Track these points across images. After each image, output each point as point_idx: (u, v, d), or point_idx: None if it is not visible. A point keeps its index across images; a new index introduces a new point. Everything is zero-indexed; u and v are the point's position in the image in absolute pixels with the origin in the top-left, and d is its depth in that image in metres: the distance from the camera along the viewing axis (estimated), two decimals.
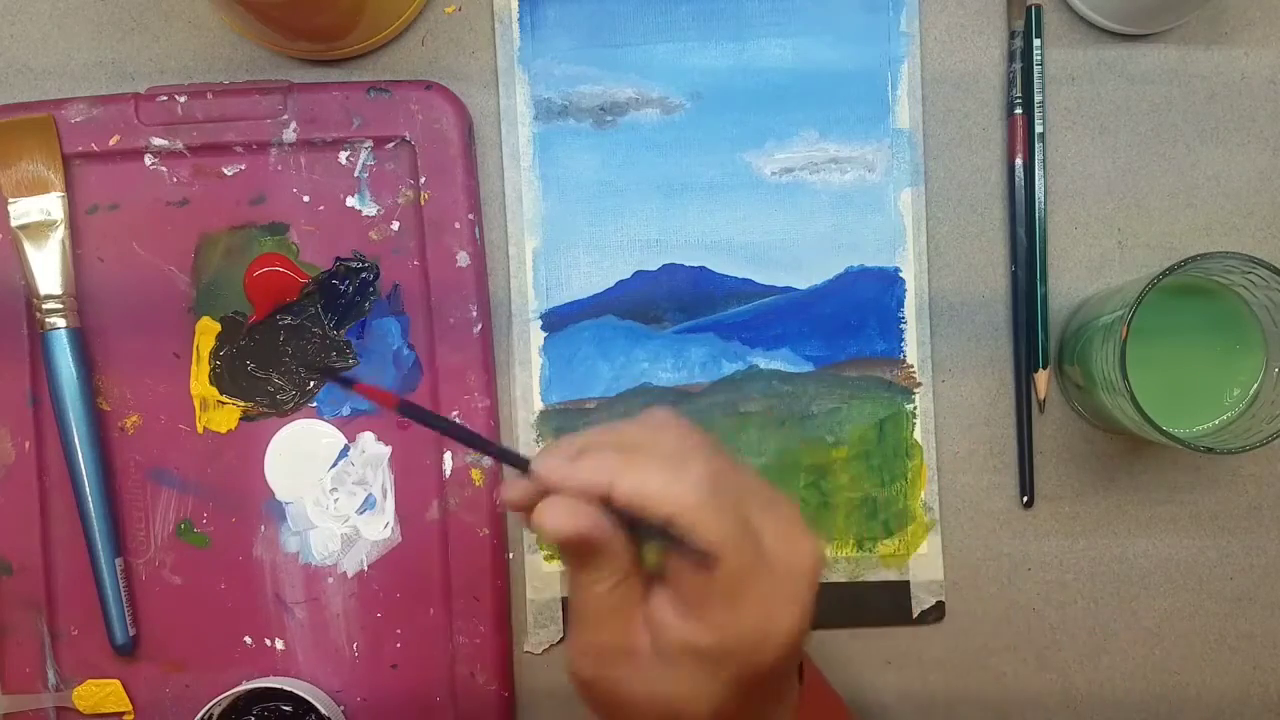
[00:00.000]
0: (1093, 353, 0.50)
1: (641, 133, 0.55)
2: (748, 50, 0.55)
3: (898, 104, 0.55)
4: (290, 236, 0.54)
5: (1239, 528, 0.56)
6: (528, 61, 0.55)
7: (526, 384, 0.55)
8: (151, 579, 0.55)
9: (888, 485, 0.55)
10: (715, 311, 0.55)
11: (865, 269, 0.55)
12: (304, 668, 0.55)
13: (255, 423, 0.55)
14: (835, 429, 0.55)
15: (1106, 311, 0.50)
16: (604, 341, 0.55)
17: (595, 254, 0.55)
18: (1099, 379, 0.49)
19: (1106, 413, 0.50)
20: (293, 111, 0.54)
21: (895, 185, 0.55)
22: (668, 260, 0.55)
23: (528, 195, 0.55)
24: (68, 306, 0.53)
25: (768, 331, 0.55)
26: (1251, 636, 0.56)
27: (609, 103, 0.55)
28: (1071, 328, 0.54)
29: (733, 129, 0.55)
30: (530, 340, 0.55)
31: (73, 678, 0.54)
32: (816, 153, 0.55)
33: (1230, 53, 0.55)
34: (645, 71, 0.55)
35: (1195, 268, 0.46)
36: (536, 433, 0.55)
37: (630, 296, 0.55)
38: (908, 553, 0.55)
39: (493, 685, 0.54)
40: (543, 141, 0.55)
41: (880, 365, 0.55)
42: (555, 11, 0.55)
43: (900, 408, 0.55)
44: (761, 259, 0.55)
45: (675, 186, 0.55)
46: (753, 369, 0.55)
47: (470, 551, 0.54)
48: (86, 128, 0.54)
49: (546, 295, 0.55)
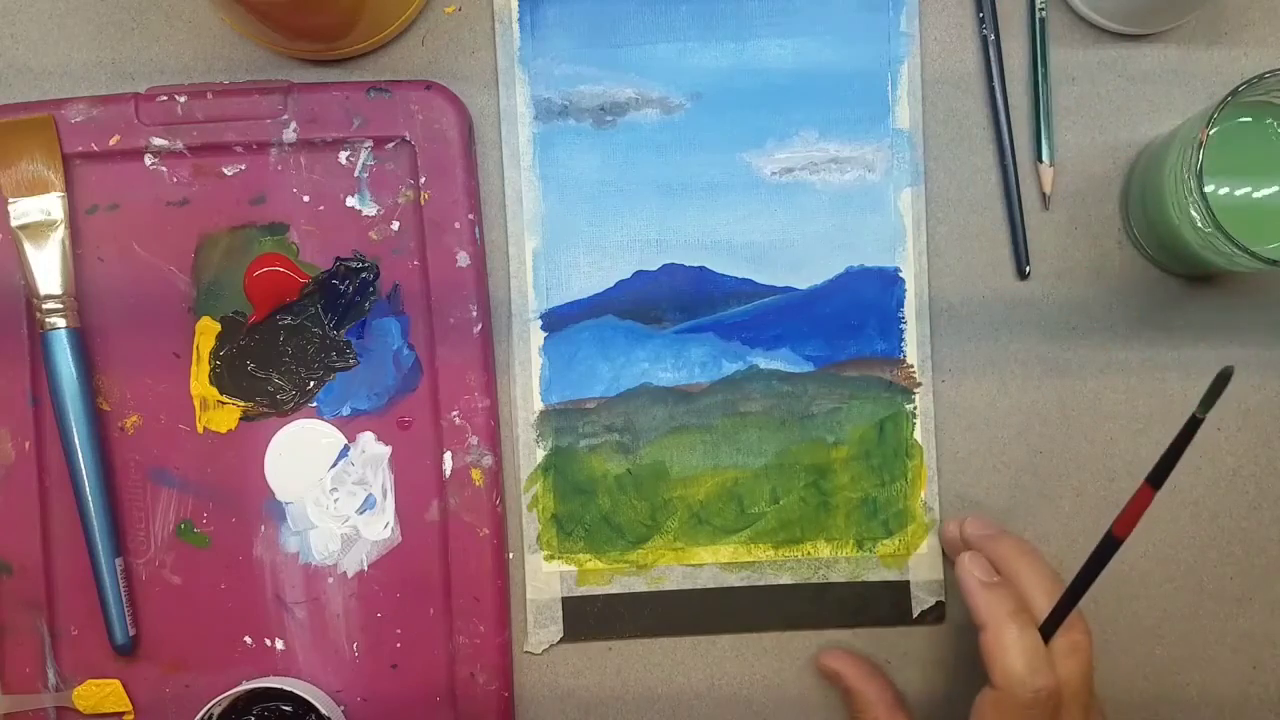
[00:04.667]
0: (1164, 174, 0.49)
1: (641, 133, 0.55)
2: (748, 50, 0.55)
3: (898, 104, 0.55)
4: (290, 236, 0.54)
5: (1239, 528, 0.56)
6: (528, 61, 0.55)
7: (526, 384, 0.55)
8: (151, 579, 0.55)
9: (888, 485, 0.55)
10: (715, 311, 0.55)
11: (865, 269, 0.55)
12: (304, 668, 0.55)
13: (255, 423, 0.55)
14: (835, 429, 0.55)
15: (1179, 135, 0.50)
16: (604, 341, 0.55)
17: (595, 254, 0.55)
18: (1170, 200, 0.49)
19: (1173, 238, 0.50)
20: (293, 111, 0.54)
21: (895, 185, 0.55)
22: (668, 260, 0.55)
23: (528, 195, 0.55)
24: (68, 306, 0.53)
25: (768, 331, 0.55)
26: (1251, 636, 0.56)
27: (609, 103, 0.55)
28: (1136, 169, 0.54)
29: (733, 129, 0.55)
30: (530, 340, 0.55)
31: (73, 678, 0.54)
32: (816, 153, 0.55)
33: (1230, 53, 0.55)
34: (645, 71, 0.55)
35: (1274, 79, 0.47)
36: (536, 432, 0.55)
37: (630, 296, 0.55)
38: (908, 553, 0.55)
39: (493, 685, 0.54)
40: (543, 141, 0.55)
41: (880, 365, 0.55)
42: (555, 11, 0.55)
43: (900, 408, 0.55)
44: (761, 259, 0.55)
45: (675, 186, 0.55)
46: (753, 369, 0.55)
47: (470, 551, 0.54)
48: (86, 128, 0.54)
49: (546, 295, 0.55)
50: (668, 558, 0.55)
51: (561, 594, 0.55)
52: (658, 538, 0.55)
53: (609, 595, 0.55)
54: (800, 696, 0.56)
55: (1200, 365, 0.56)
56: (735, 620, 0.55)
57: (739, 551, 0.55)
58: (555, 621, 0.55)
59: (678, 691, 0.56)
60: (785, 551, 0.55)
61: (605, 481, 0.55)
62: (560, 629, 0.55)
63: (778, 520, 0.55)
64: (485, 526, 0.54)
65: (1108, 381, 0.56)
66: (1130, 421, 0.56)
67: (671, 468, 0.55)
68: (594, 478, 0.55)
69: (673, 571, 0.55)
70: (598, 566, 0.55)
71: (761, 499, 0.55)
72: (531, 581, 0.56)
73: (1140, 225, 0.54)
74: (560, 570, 0.55)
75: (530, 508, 0.55)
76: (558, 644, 0.55)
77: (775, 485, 0.55)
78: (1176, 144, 0.49)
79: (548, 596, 0.55)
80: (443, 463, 0.54)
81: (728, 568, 0.55)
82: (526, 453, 0.55)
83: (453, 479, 0.54)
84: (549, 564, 0.55)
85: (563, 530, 0.55)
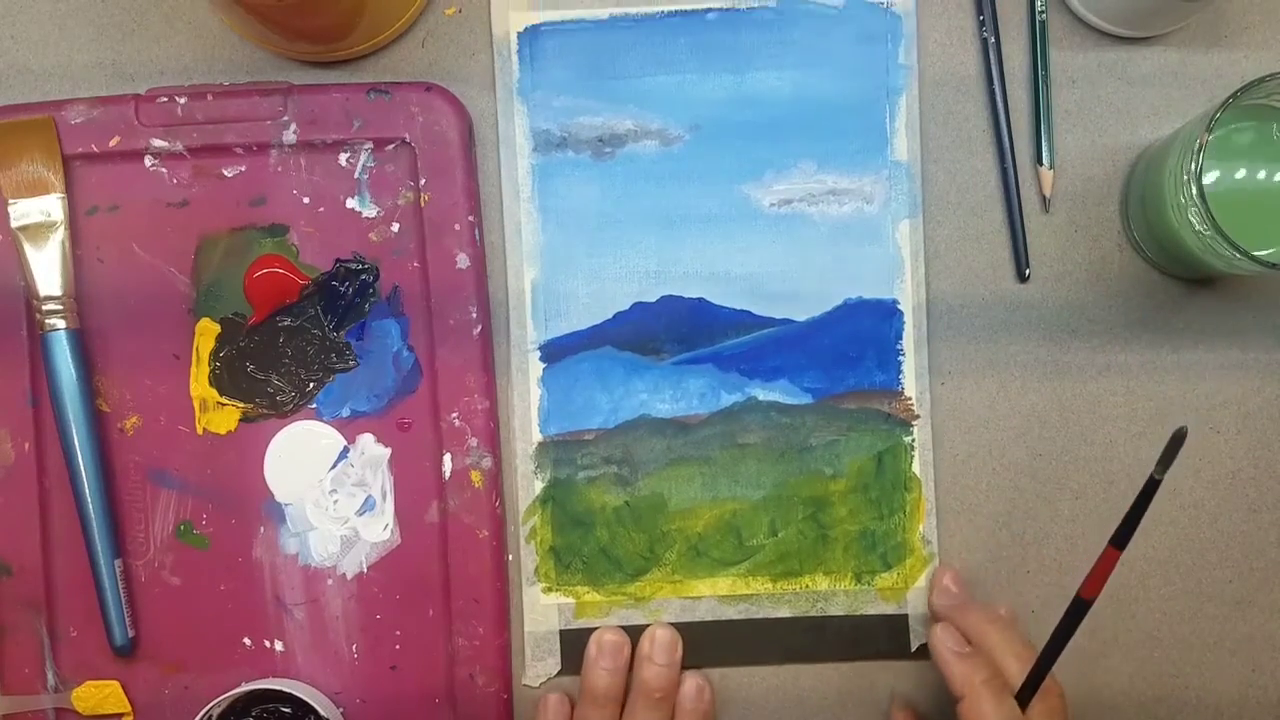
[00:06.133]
0: (1164, 176, 0.50)
1: (640, 164, 0.55)
2: (746, 82, 0.55)
3: (895, 136, 0.55)
4: (290, 238, 0.54)
5: (1238, 531, 0.56)
6: (527, 93, 0.55)
7: (525, 415, 0.55)
8: (151, 580, 0.55)
9: (886, 518, 0.55)
10: (714, 343, 0.55)
11: (863, 301, 0.55)
12: (303, 669, 0.55)
13: (255, 424, 0.55)
14: (834, 461, 0.55)
15: (1179, 138, 0.50)
16: (602, 373, 0.55)
17: (594, 285, 0.55)
18: (1169, 203, 0.49)
19: (1173, 242, 0.50)
20: (293, 113, 0.54)
21: (893, 217, 0.55)
22: (666, 291, 0.55)
23: (527, 226, 0.55)
24: (67, 308, 0.53)
25: (766, 363, 0.55)
26: (1251, 639, 0.56)
27: (608, 134, 0.55)
28: (1136, 172, 0.54)
29: (731, 161, 0.55)
30: (529, 371, 0.55)
31: (72, 679, 0.54)
32: (815, 184, 0.55)
33: (1230, 55, 0.55)
34: (644, 103, 0.55)
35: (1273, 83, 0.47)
36: (535, 464, 0.55)
37: (629, 328, 0.55)
38: (906, 586, 0.55)
39: (492, 687, 0.54)
40: (542, 173, 0.55)
41: (878, 397, 0.55)
42: (554, 44, 0.55)
43: (899, 440, 0.55)
44: (760, 290, 0.55)
45: (674, 218, 0.55)
46: (751, 400, 0.55)
47: (469, 553, 0.54)
48: (86, 129, 0.54)
49: (545, 326, 0.55)
50: (666, 590, 0.55)
51: (560, 626, 0.55)
52: (656, 570, 0.55)
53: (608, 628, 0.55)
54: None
55: (1200, 368, 0.56)
56: (733, 653, 0.55)
57: (737, 584, 0.55)
58: (553, 654, 0.55)
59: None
60: (784, 584, 0.55)
61: (604, 513, 0.55)
62: (558, 662, 0.55)
63: (776, 553, 0.55)
64: (485, 528, 0.54)
65: (1107, 384, 0.56)
66: (1130, 424, 0.56)
67: (670, 500, 0.55)
68: (592, 510, 0.55)
69: (671, 604, 0.55)
70: (596, 599, 0.55)
71: (760, 531, 0.55)
72: (529, 614, 0.55)
73: (1140, 228, 0.54)
74: (558, 602, 0.55)
75: (528, 539, 0.55)
76: (555, 677, 0.55)
77: (774, 517, 0.55)
78: (1176, 147, 0.49)
79: (545, 629, 0.55)
80: (442, 464, 0.54)
81: (726, 600, 0.55)
82: (525, 484, 0.55)
83: (452, 480, 0.54)
84: (547, 596, 0.55)
85: (561, 562, 0.55)
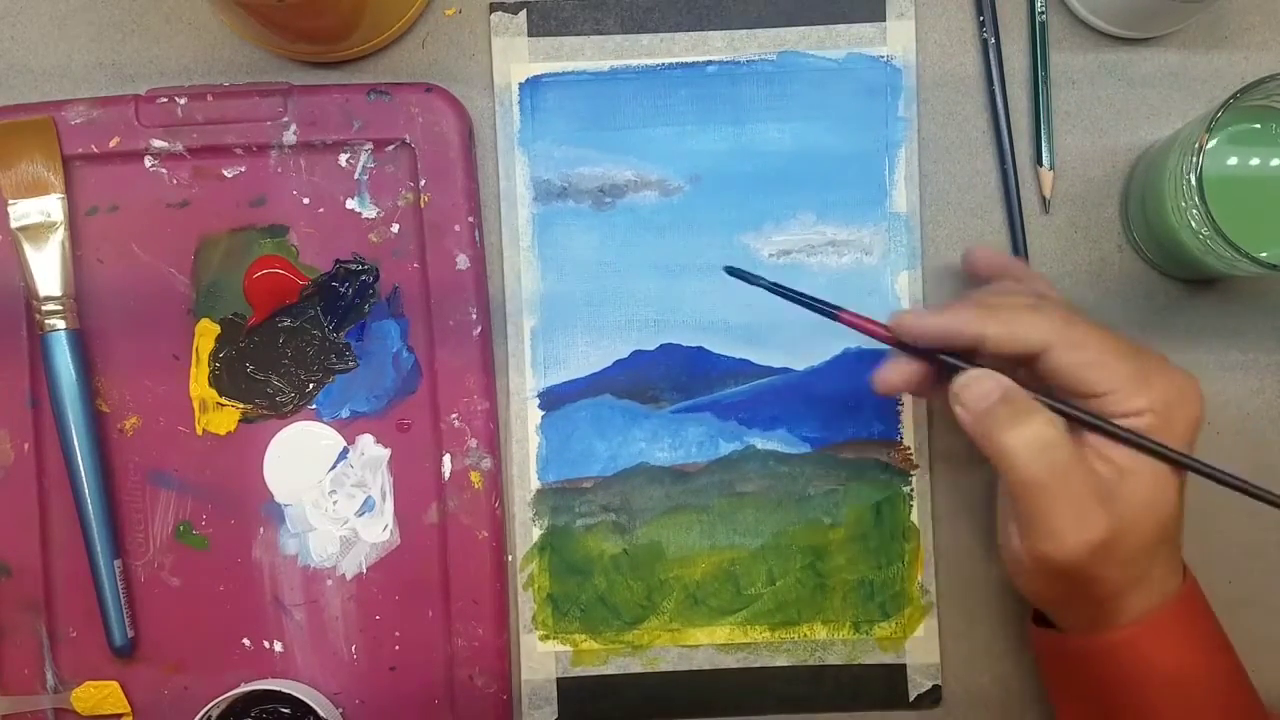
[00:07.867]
0: (1164, 177, 0.50)
1: (640, 214, 0.55)
2: (746, 134, 0.55)
3: (895, 188, 0.55)
4: (290, 239, 0.54)
5: (1237, 530, 0.56)
6: (528, 143, 0.55)
7: (523, 462, 0.55)
8: (150, 581, 0.55)
9: (885, 567, 0.55)
10: (712, 391, 0.55)
11: (862, 351, 0.55)
12: (302, 670, 0.55)
13: (254, 425, 0.55)
14: (832, 510, 0.55)
15: (1179, 139, 0.50)
16: (601, 421, 0.55)
17: (593, 333, 0.55)
18: (1169, 204, 0.49)
19: (1173, 242, 0.50)
20: (293, 114, 0.54)
21: (892, 268, 0.55)
22: (665, 340, 0.55)
23: (526, 275, 0.55)
24: (67, 308, 0.53)
25: (765, 412, 0.55)
26: (1250, 641, 0.56)
27: (608, 184, 0.55)
28: (1136, 173, 0.54)
29: (731, 211, 0.55)
30: (527, 419, 0.55)
31: (71, 679, 0.54)
32: (814, 235, 0.55)
33: (1231, 56, 0.55)
34: (644, 154, 0.55)
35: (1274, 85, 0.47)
36: (533, 511, 0.55)
37: (628, 376, 0.55)
38: (904, 635, 0.55)
39: (491, 688, 0.54)
40: (542, 222, 0.55)
41: (877, 447, 0.55)
42: (555, 95, 0.55)
43: (897, 490, 0.55)
44: (759, 340, 0.55)
45: (673, 267, 0.55)
46: (750, 449, 0.55)
47: (469, 554, 0.54)
48: (86, 129, 0.54)
49: (544, 374, 0.55)
50: (664, 639, 0.55)
51: (556, 674, 0.55)
52: (654, 618, 0.55)
53: (604, 676, 0.55)
54: None
55: (1200, 369, 0.55)
56: (731, 702, 0.55)
57: (735, 633, 0.55)
58: (550, 702, 0.55)
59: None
60: (782, 633, 0.55)
61: (601, 561, 0.55)
62: (555, 710, 0.55)
63: (774, 601, 0.55)
64: (484, 529, 0.54)
65: None
66: None
67: (668, 548, 0.55)
68: (590, 557, 0.55)
69: (669, 653, 0.55)
70: (593, 647, 0.55)
71: (758, 580, 0.55)
72: (526, 662, 0.55)
73: (1140, 229, 0.54)
74: (555, 650, 0.55)
75: (526, 587, 0.55)
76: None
77: (772, 566, 0.55)
78: (1176, 148, 0.49)
79: (542, 677, 0.55)
80: (442, 465, 0.54)
81: (724, 649, 0.55)
82: (523, 532, 0.55)
83: (452, 481, 0.54)
84: (544, 644, 0.55)
85: (558, 610, 0.55)
